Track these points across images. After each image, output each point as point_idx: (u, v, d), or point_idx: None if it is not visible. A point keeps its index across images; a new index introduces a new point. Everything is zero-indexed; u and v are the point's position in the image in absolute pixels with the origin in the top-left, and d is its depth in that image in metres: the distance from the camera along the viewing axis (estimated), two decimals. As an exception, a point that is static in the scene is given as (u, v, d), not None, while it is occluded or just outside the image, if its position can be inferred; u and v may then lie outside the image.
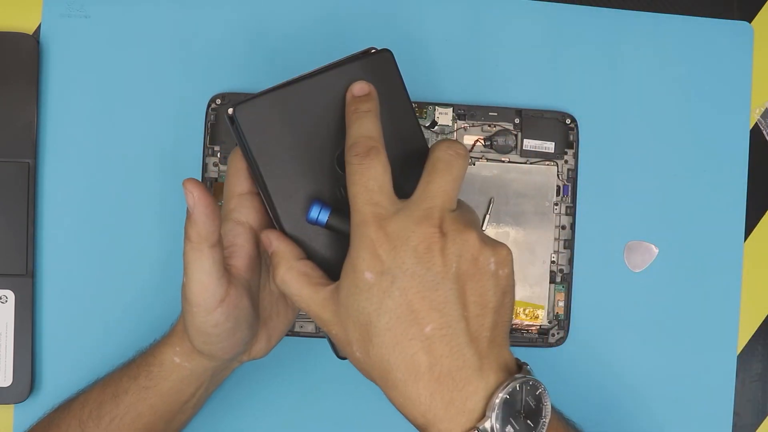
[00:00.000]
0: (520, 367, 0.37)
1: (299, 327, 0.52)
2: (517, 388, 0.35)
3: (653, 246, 0.54)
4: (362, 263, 0.35)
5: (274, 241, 0.39)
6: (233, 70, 0.53)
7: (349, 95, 0.39)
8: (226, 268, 0.39)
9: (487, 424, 0.34)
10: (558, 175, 0.53)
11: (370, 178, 0.36)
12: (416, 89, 0.53)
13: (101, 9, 0.53)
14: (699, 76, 0.54)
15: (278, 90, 0.38)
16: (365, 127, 0.37)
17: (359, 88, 0.39)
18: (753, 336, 0.54)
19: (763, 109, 0.55)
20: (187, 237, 0.37)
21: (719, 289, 0.54)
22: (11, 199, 0.52)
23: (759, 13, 0.55)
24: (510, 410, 0.35)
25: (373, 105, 0.38)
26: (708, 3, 0.55)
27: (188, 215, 0.37)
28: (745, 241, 0.54)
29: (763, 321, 0.54)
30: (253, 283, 0.41)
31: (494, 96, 0.54)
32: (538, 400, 0.36)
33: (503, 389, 0.35)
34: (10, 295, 0.51)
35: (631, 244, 0.54)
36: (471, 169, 0.52)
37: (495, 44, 0.54)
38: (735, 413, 0.54)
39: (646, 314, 0.54)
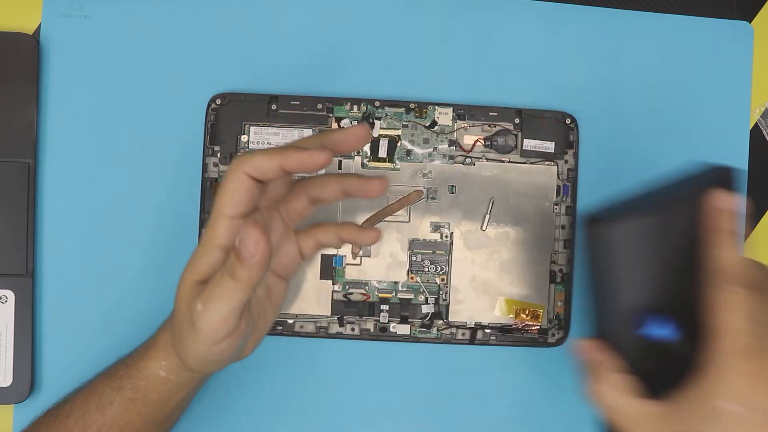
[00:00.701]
0: None
1: (299, 327, 0.52)
2: None
3: (653, 246, 0.54)
4: (720, 391, 0.34)
5: (598, 353, 0.38)
6: (233, 70, 0.53)
7: (713, 205, 0.38)
8: None
9: None
10: (558, 175, 0.53)
11: (749, 310, 0.35)
12: (416, 89, 0.53)
13: (101, 9, 0.53)
14: (699, 76, 0.54)
15: (634, 218, 0.37)
16: (737, 254, 0.36)
17: (727, 201, 0.37)
18: (753, 336, 0.54)
19: (763, 109, 0.55)
20: (234, 276, 0.37)
21: (719, 289, 0.54)
22: (11, 199, 0.52)
23: (759, 13, 0.55)
24: None
25: (738, 225, 0.37)
26: (708, 3, 0.55)
27: (242, 258, 0.36)
28: (745, 241, 0.54)
29: (763, 321, 0.54)
30: (253, 302, 0.41)
31: (494, 96, 0.54)
32: None
33: None
34: (10, 295, 0.51)
35: (631, 244, 0.54)
36: (471, 169, 0.52)
37: (495, 44, 0.54)
38: (735, 413, 0.54)
39: (646, 314, 0.54)
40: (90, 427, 0.44)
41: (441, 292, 0.52)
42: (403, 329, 0.52)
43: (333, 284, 0.52)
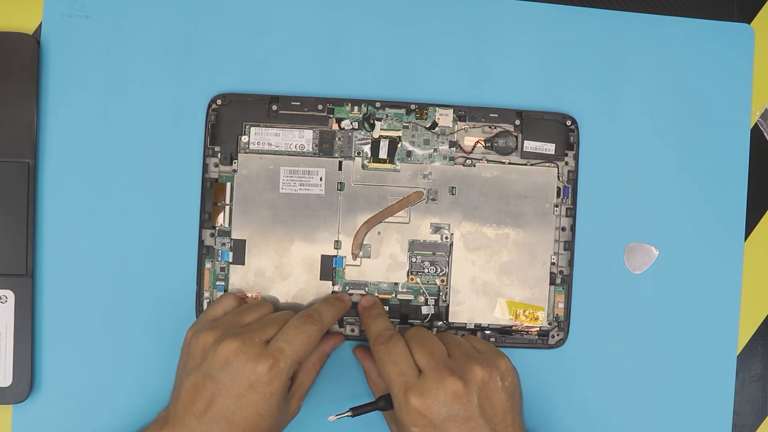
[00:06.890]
0: None
1: (299, 327, 0.52)
2: None
3: (653, 248, 0.54)
4: (409, 422, 0.44)
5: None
6: (233, 70, 0.53)
7: (362, 305, 0.51)
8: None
9: None
10: (558, 176, 0.53)
11: (391, 357, 0.46)
12: (417, 90, 0.53)
13: (102, 9, 0.53)
14: (699, 77, 0.54)
15: None
16: (378, 326, 0.48)
17: (366, 300, 0.51)
18: (753, 336, 0.54)
19: (763, 110, 0.55)
20: (317, 367, 0.50)
21: (719, 289, 0.54)
22: (11, 199, 0.52)
23: (758, 14, 0.55)
24: None
25: (381, 309, 0.51)
26: (708, 5, 0.55)
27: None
28: (745, 241, 0.54)
29: (763, 321, 0.55)
30: None
31: (495, 97, 0.54)
32: None
33: None
34: (10, 295, 0.51)
35: (632, 246, 0.54)
36: (471, 170, 0.52)
37: (495, 45, 0.54)
38: (735, 413, 0.54)
39: (646, 316, 0.54)
40: None
41: (441, 294, 0.52)
42: (403, 330, 0.52)
43: (333, 285, 0.52)
